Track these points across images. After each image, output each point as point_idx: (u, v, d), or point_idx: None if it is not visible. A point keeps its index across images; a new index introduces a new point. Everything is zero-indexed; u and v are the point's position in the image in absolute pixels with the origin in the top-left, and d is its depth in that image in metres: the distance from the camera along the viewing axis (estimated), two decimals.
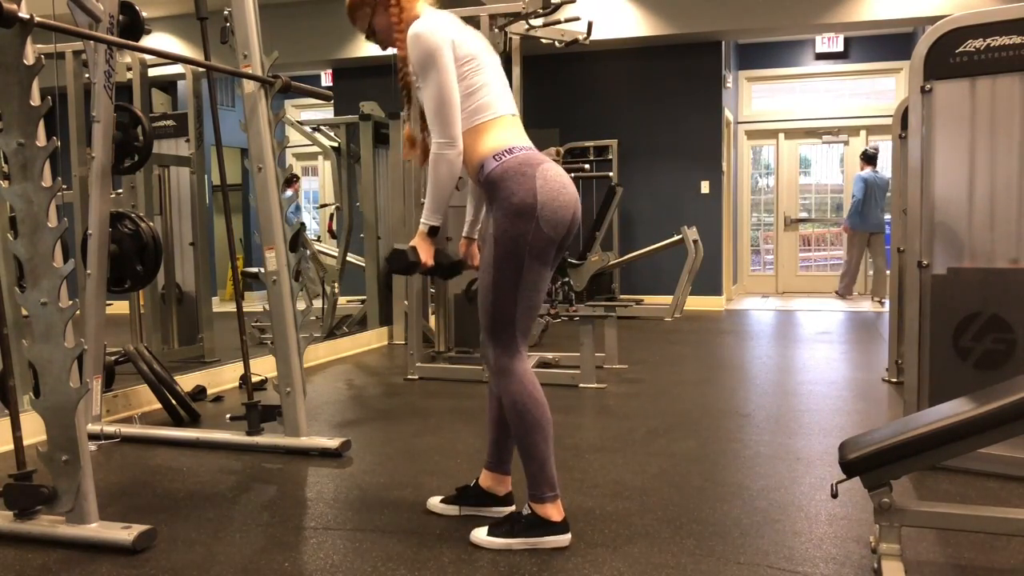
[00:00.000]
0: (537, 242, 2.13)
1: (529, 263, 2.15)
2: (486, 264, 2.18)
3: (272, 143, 3.26)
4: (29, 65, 2.20)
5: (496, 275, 2.16)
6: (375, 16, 2.33)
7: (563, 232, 2.17)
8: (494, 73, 2.25)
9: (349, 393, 4.58)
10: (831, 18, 7.73)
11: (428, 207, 2.20)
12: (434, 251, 2.26)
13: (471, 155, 2.20)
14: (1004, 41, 2.66)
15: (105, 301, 3.38)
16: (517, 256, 2.13)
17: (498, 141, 2.19)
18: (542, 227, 2.12)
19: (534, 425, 2.19)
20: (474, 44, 2.23)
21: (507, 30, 5.27)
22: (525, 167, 2.14)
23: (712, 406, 4.00)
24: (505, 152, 2.17)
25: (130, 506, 2.62)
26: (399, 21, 2.27)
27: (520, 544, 2.20)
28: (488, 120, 2.20)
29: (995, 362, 2.73)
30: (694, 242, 7.11)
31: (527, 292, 2.18)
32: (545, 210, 2.11)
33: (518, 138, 2.23)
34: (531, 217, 2.11)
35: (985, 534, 2.17)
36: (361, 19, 2.37)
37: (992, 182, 2.76)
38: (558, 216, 2.14)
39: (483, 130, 2.19)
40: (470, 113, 2.19)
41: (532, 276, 2.17)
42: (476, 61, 2.20)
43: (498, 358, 2.22)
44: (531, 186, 2.11)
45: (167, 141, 5.27)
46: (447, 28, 2.19)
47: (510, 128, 2.23)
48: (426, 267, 2.25)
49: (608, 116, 8.92)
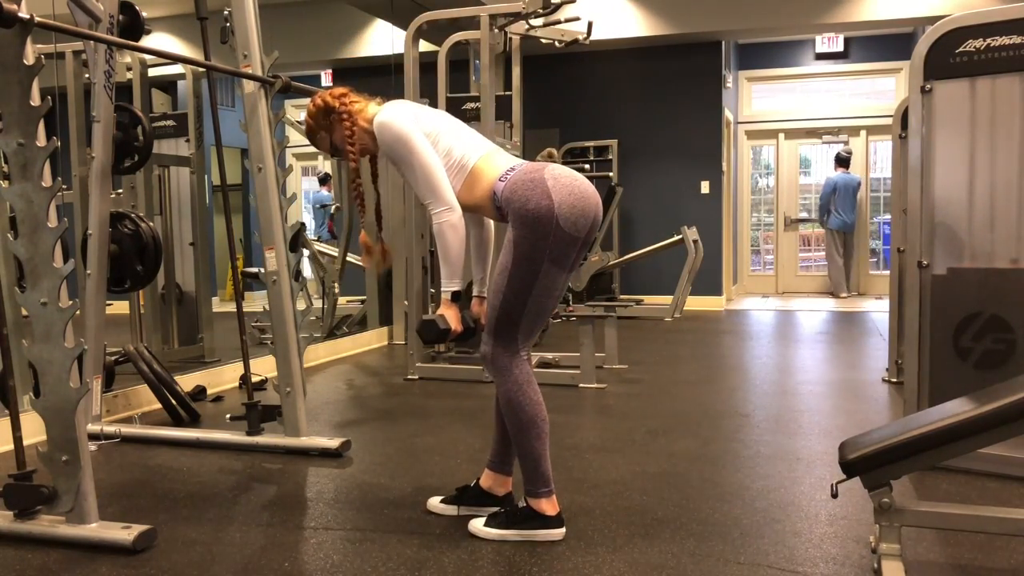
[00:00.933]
0: (558, 244, 2.14)
1: (547, 268, 2.16)
2: (502, 267, 2.20)
3: (272, 143, 3.26)
4: (29, 65, 2.20)
5: (510, 279, 2.17)
6: (332, 134, 2.43)
7: (586, 228, 2.18)
8: (457, 129, 2.35)
9: (349, 393, 4.58)
10: (831, 18, 7.72)
11: (445, 274, 2.26)
12: (459, 316, 2.31)
13: (479, 196, 2.26)
14: (1004, 41, 2.66)
15: (105, 301, 3.38)
16: (534, 262, 2.15)
17: (495, 169, 2.26)
18: (563, 226, 2.13)
19: (529, 423, 2.21)
20: (431, 115, 2.35)
21: (507, 30, 5.28)
22: (531, 173, 2.18)
23: (712, 406, 4.00)
24: (508, 172, 2.23)
25: (130, 506, 2.63)
26: (351, 132, 2.37)
27: (515, 535, 2.24)
28: (476, 163, 2.28)
29: (995, 362, 2.73)
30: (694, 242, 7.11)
31: (540, 297, 2.20)
32: (563, 208, 2.12)
33: (510, 160, 2.31)
34: (550, 219, 2.12)
35: (985, 534, 2.17)
36: (321, 141, 2.48)
37: (992, 182, 2.76)
38: (577, 211, 2.15)
39: (477, 172, 2.27)
40: (457, 170, 2.28)
41: (547, 281, 2.18)
42: (438, 128, 2.30)
43: (497, 356, 2.24)
44: (543, 189, 2.13)
45: (167, 141, 5.27)
46: (407, 111, 2.31)
47: (497, 156, 2.32)
48: (456, 333, 2.31)
49: (608, 116, 8.92)
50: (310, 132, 2.46)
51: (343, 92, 2.42)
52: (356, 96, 2.42)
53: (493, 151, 2.33)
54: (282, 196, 3.29)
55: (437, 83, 5.28)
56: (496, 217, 2.31)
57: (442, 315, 2.29)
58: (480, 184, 2.26)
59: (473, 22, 5.16)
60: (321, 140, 2.47)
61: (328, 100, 2.40)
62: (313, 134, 2.46)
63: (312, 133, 2.46)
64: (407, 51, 5.14)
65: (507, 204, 2.18)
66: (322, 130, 2.44)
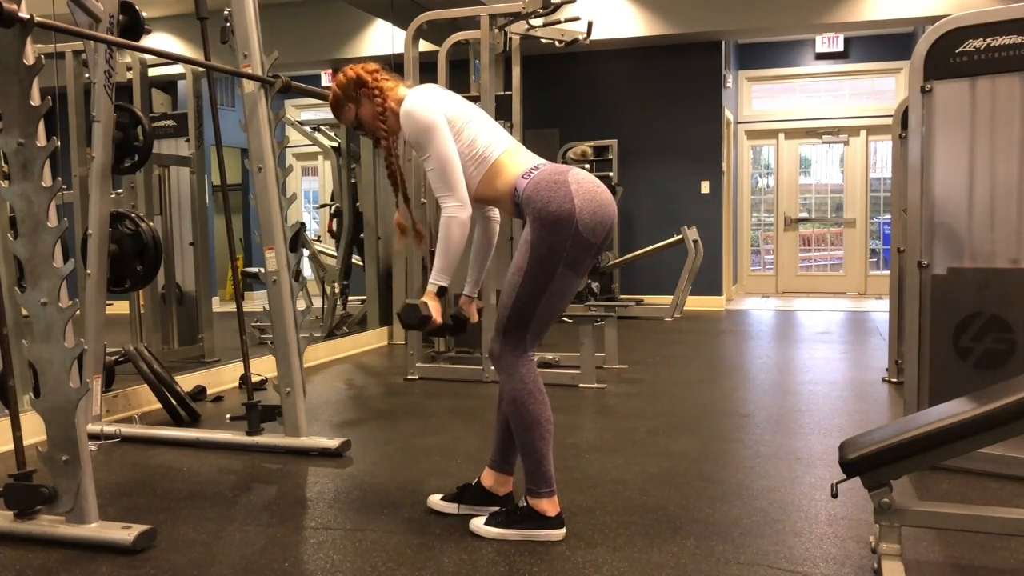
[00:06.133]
0: (575, 249, 2.15)
1: (563, 271, 2.17)
2: (517, 267, 2.19)
3: (272, 143, 3.26)
4: (29, 65, 2.20)
5: (525, 280, 2.17)
6: (360, 108, 2.39)
7: (603, 234, 2.19)
8: (484, 119, 2.33)
9: (349, 393, 4.58)
10: (831, 18, 7.72)
11: (438, 268, 2.25)
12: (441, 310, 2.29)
13: (500, 189, 2.26)
14: (1004, 41, 2.66)
15: (105, 301, 3.38)
16: (551, 264, 2.15)
17: (518, 166, 2.25)
18: (582, 232, 2.13)
19: (533, 423, 2.22)
20: (458, 102, 2.31)
21: (507, 30, 5.27)
22: (556, 175, 2.17)
23: (712, 406, 4.00)
24: (531, 170, 2.22)
25: (130, 506, 2.62)
26: (383, 110, 2.34)
27: (515, 535, 2.24)
28: (499, 156, 2.26)
29: (995, 362, 2.73)
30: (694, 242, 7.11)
31: (553, 299, 2.20)
32: (584, 213, 2.13)
33: (534, 158, 2.30)
34: (570, 223, 2.12)
35: (985, 534, 2.17)
36: (347, 113, 2.43)
37: (992, 182, 2.76)
38: (597, 218, 2.15)
39: (499, 165, 2.25)
40: (480, 161, 2.26)
41: (562, 283, 2.19)
42: (465, 116, 2.28)
43: (504, 355, 2.24)
44: (566, 192, 2.13)
45: (167, 141, 5.27)
46: (435, 98, 2.27)
47: (521, 153, 2.31)
48: (435, 325, 2.28)
49: (608, 116, 8.92)
50: (336, 102, 2.41)
51: (376, 68, 2.39)
52: (387, 74, 2.39)
53: (517, 147, 2.32)
54: (282, 196, 3.29)
55: (437, 83, 5.28)
56: (513, 213, 2.30)
57: (425, 303, 2.26)
58: (502, 177, 2.25)
59: (473, 22, 5.16)
60: (347, 112, 2.41)
61: (361, 73, 2.36)
62: (339, 105, 2.41)
63: (338, 104, 2.41)
64: (407, 51, 5.14)
65: (528, 203, 2.18)
66: (350, 102, 2.39)
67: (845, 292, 10.05)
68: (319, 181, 11.29)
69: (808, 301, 9.34)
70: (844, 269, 10.20)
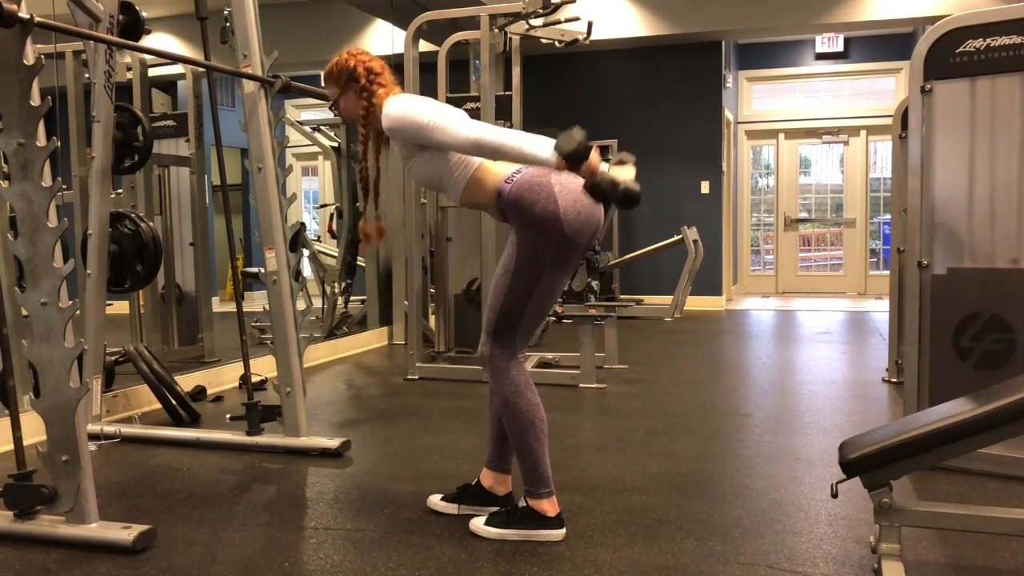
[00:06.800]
0: (562, 249, 2.16)
1: (550, 271, 2.18)
2: (504, 269, 2.20)
3: (272, 143, 3.26)
4: (29, 65, 2.20)
5: (513, 280, 2.18)
6: (344, 96, 2.36)
7: (588, 235, 2.20)
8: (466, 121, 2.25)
9: (349, 393, 4.58)
10: (831, 18, 7.72)
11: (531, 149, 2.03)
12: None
13: (483, 194, 2.25)
14: (1004, 41, 2.66)
15: (105, 301, 3.38)
16: (538, 265, 2.16)
17: (501, 169, 2.24)
18: (567, 232, 2.14)
19: (526, 425, 2.22)
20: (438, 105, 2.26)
21: (507, 30, 5.28)
22: (539, 178, 2.17)
23: (712, 406, 4.00)
24: (515, 173, 2.21)
25: (130, 506, 2.62)
26: (366, 114, 2.31)
27: (515, 535, 2.24)
28: (482, 161, 2.24)
29: (995, 362, 2.73)
30: (694, 242, 7.11)
31: (541, 299, 2.22)
32: (568, 214, 2.13)
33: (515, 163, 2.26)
34: (555, 224, 2.13)
35: (985, 534, 2.17)
36: (330, 90, 2.40)
37: (992, 182, 2.76)
38: (582, 219, 2.16)
39: (483, 170, 2.25)
40: (464, 165, 2.24)
41: (549, 283, 2.20)
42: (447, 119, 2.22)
43: (494, 357, 2.25)
44: (550, 193, 2.14)
45: (167, 141, 5.27)
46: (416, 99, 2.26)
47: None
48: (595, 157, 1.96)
49: (608, 116, 8.91)
50: (327, 76, 2.38)
51: (379, 70, 2.32)
52: (389, 77, 2.34)
53: None
54: (282, 196, 3.29)
55: (437, 83, 5.28)
56: (499, 217, 2.31)
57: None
58: (486, 182, 2.24)
59: (473, 22, 5.16)
60: (330, 90, 2.40)
61: (360, 72, 2.31)
62: (328, 79, 2.38)
63: (328, 78, 2.38)
64: (407, 51, 5.13)
65: (513, 206, 2.18)
66: (336, 86, 2.36)
67: (845, 292, 10.05)
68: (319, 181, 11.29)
69: (808, 301, 9.34)
70: (844, 269, 10.20)
